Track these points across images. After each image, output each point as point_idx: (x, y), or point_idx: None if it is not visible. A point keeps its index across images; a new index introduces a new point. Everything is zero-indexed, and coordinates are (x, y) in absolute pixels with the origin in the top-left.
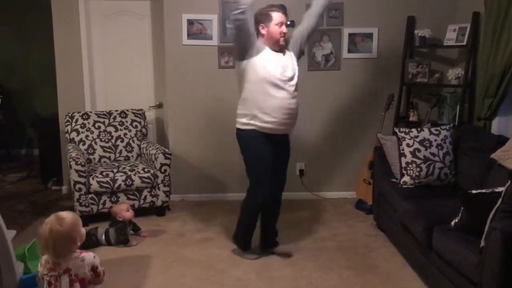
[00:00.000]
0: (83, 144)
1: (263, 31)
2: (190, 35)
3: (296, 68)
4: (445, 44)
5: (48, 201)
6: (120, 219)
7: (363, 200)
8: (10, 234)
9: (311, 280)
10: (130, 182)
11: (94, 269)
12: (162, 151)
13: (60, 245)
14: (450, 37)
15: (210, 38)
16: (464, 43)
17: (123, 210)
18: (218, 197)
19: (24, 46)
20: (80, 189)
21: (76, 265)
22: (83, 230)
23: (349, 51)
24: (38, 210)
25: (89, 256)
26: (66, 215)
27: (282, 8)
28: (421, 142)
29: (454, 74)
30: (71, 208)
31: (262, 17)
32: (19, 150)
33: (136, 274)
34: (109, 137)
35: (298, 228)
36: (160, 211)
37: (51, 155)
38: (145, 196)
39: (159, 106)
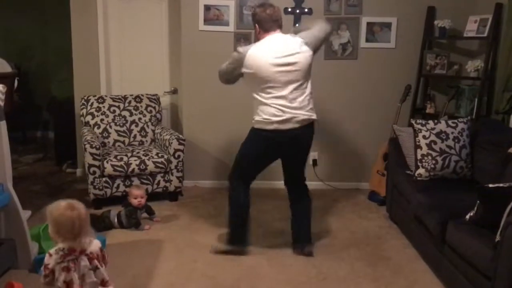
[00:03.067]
0: (98, 128)
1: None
2: (207, 21)
3: None
4: (465, 35)
5: (62, 183)
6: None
7: (376, 191)
8: (25, 214)
9: (322, 269)
10: (144, 167)
11: (100, 249)
12: (176, 136)
13: (85, 226)
14: (471, 28)
15: (227, 24)
16: (485, 34)
17: (132, 196)
18: None
19: (41, 30)
20: (94, 172)
21: (88, 244)
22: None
23: (367, 40)
24: (53, 192)
25: (95, 240)
26: (73, 201)
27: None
28: (437, 135)
29: (473, 66)
30: (85, 191)
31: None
32: (34, 132)
33: (148, 258)
34: (124, 121)
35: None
36: (173, 196)
37: (66, 138)
38: (159, 181)
39: (174, 91)
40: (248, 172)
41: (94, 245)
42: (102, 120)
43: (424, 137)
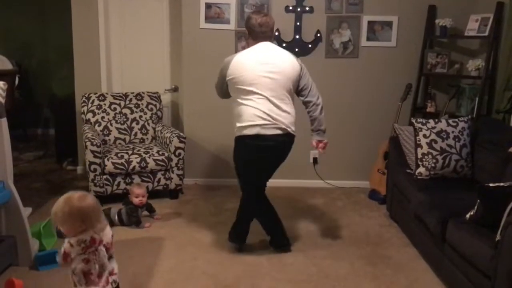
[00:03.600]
0: (99, 125)
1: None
2: (208, 19)
3: None
4: (466, 34)
5: (63, 180)
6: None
7: (376, 190)
8: (26, 211)
9: (322, 268)
10: (145, 164)
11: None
12: (177, 134)
13: (100, 215)
14: (472, 27)
15: (228, 22)
16: (486, 34)
17: (133, 194)
18: (231, 182)
19: (42, 27)
20: (95, 170)
21: (105, 235)
22: None
23: (368, 39)
24: (54, 189)
25: (108, 228)
26: (75, 192)
27: None
28: (438, 133)
29: (474, 65)
30: (86, 188)
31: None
32: (35, 129)
33: (148, 256)
34: (125, 119)
35: (310, 216)
36: (174, 194)
37: (67, 136)
38: (159, 179)
39: (175, 89)
40: (250, 180)
41: (109, 234)
42: (103, 117)
43: (424, 136)
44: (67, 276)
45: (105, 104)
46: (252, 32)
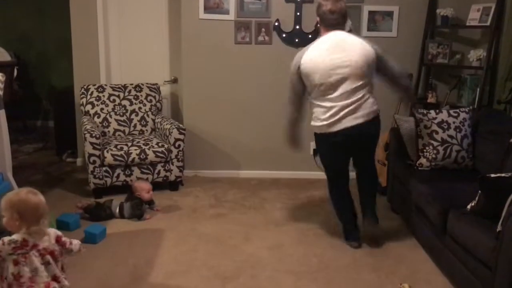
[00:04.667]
0: (98, 117)
1: None
2: (207, 9)
3: None
4: (467, 24)
5: (62, 172)
6: (138, 197)
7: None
8: None
9: (323, 259)
10: (144, 156)
11: (58, 239)
12: (176, 126)
13: (46, 213)
14: (473, 17)
15: (227, 12)
16: (488, 23)
17: (144, 190)
18: (231, 173)
19: (41, 19)
20: (94, 162)
21: (41, 239)
22: None
23: (369, 29)
24: (53, 181)
25: (52, 230)
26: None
27: None
28: (439, 124)
29: (475, 55)
30: (85, 181)
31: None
32: (35, 121)
33: (149, 247)
34: (124, 111)
35: (311, 207)
36: (174, 186)
37: (66, 128)
38: (159, 171)
39: (174, 81)
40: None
41: (48, 239)
42: (102, 109)
43: (425, 126)
44: None
45: (104, 96)
46: (323, 21)
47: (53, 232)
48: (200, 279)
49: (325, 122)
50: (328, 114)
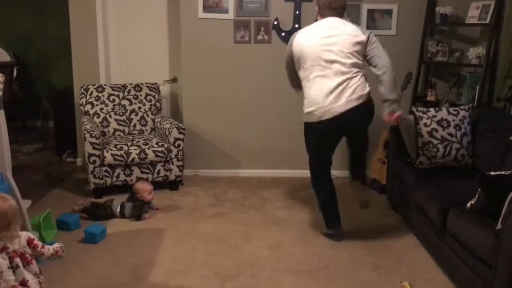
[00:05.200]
0: (98, 117)
1: None
2: (206, 8)
3: None
4: (467, 22)
5: (62, 172)
6: (140, 198)
7: (376, 179)
8: (25, 204)
9: (322, 257)
10: (144, 156)
11: (30, 241)
12: (176, 125)
13: (16, 218)
14: (473, 14)
15: (226, 11)
16: (487, 21)
17: (146, 191)
18: (231, 173)
19: (41, 19)
20: (94, 162)
21: (12, 242)
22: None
23: (368, 27)
24: (53, 181)
25: (24, 233)
26: (3, 194)
27: None
28: (438, 122)
29: (475, 53)
30: (85, 181)
31: None
32: (35, 121)
33: (149, 247)
34: (123, 111)
35: (310, 206)
36: (173, 185)
37: (66, 127)
38: (159, 170)
39: (174, 80)
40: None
41: (20, 242)
42: (101, 109)
43: (425, 125)
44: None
45: (103, 96)
46: (322, 7)
47: (24, 234)
48: (200, 278)
49: (313, 108)
50: (318, 98)
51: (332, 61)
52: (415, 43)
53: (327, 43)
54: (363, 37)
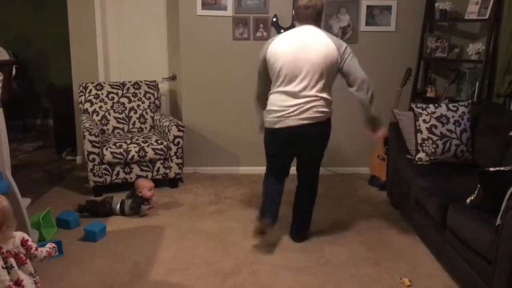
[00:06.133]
0: (97, 115)
1: None
2: (205, 5)
3: None
4: (466, 17)
5: (62, 171)
6: (140, 195)
7: (376, 176)
8: (25, 202)
9: (322, 254)
10: (143, 154)
11: (24, 242)
12: (175, 123)
13: (8, 219)
14: (472, 10)
15: (225, 8)
16: (487, 16)
17: (146, 187)
18: (231, 170)
19: (39, 17)
20: (93, 160)
21: (6, 242)
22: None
23: (367, 24)
24: (53, 179)
25: (18, 233)
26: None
27: None
28: (438, 118)
29: (474, 49)
30: (85, 179)
31: None
32: (34, 120)
33: (149, 244)
34: (123, 108)
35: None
36: (173, 183)
37: (65, 126)
38: (158, 168)
39: (173, 78)
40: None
41: (14, 242)
42: (100, 107)
43: (424, 121)
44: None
45: (102, 94)
46: (297, 14)
47: (19, 234)
48: (201, 275)
49: (273, 116)
50: (279, 108)
51: (300, 74)
52: (414, 39)
53: (298, 57)
54: (336, 53)
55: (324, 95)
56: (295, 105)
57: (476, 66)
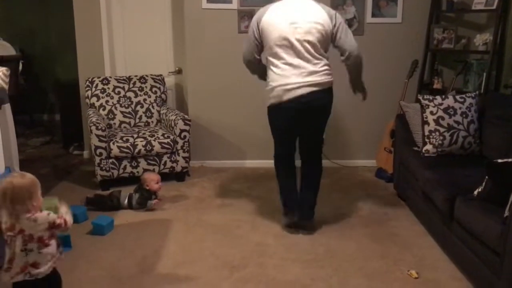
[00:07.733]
0: (103, 109)
1: None
2: None
3: None
4: (473, 8)
5: (69, 165)
6: (147, 188)
7: (383, 168)
8: None
9: (329, 247)
10: (150, 148)
11: (52, 225)
12: (181, 117)
13: (19, 199)
14: (479, 0)
15: (230, 1)
16: (494, 7)
17: (153, 181)
18: (237, 163)
19: (45, 12)
20: (100, 154)
21: (29, 226)
22: (41, 197)
23: (373, 15)
24: (60, 174)
25: (41, 215)
26: (28, 174)
27: None
28: (445, 110)
29: (481, 39)
30: (92, 173)
31: None
32: (41, 115)
33: (156, 238)
34: (129, 103)
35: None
36: (180, 176)
37: (72, 120)
38: (165, 162)
39: (179, 71)
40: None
41: (36, 226)
42: (107, 101)
43: (431, 112)
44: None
45: (109, 88)
46: None
47: (43, 218)
48: (208, 268)
49: (279, 89)
50: (283, 82)
51: (298, 43)
52: (421, 30)
53: (294, 26)
54: (328, 23)
55: (324, 61)
56: (299, 74)
57: (483, 57)
